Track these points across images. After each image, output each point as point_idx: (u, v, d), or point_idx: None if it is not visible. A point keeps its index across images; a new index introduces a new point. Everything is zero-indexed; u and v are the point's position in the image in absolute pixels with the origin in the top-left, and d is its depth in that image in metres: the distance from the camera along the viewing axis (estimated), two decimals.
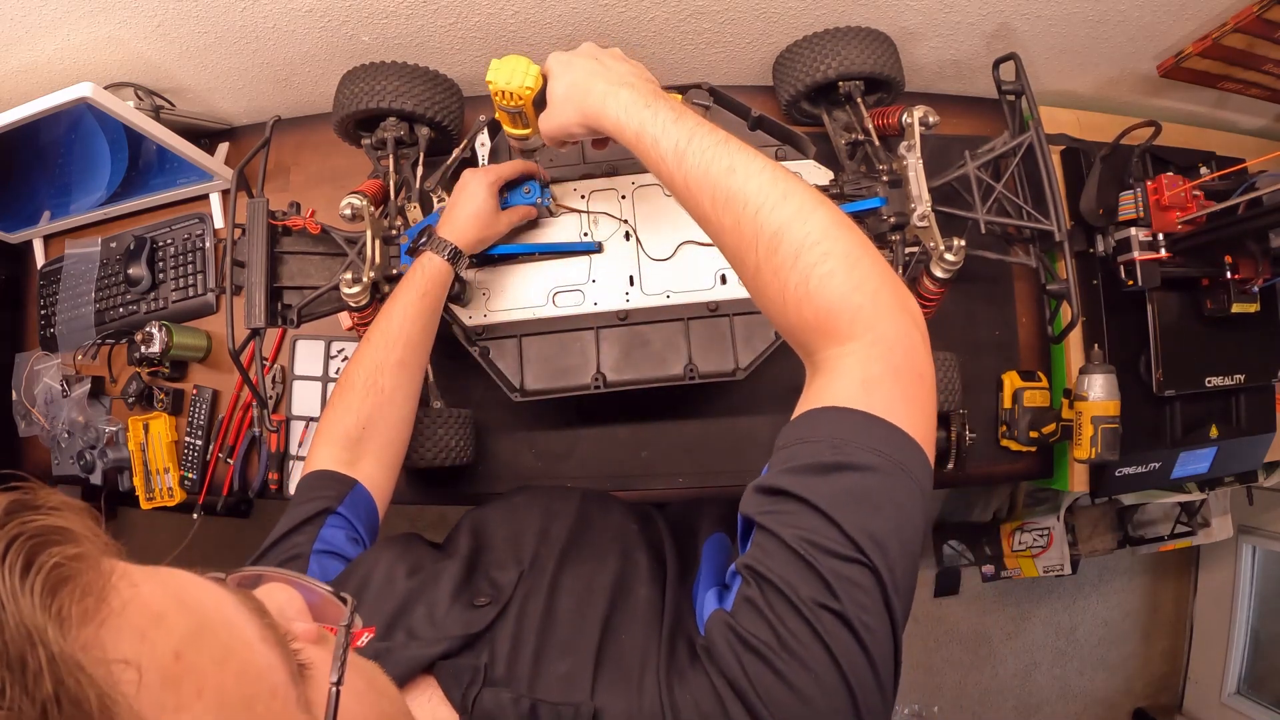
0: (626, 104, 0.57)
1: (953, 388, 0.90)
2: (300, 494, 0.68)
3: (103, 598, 0.23)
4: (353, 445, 0.72)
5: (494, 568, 0.55)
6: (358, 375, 0.74)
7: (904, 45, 0.99)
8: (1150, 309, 1.03)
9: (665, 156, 0.54)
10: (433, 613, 0.49)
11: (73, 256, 1.20)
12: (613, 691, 0.40)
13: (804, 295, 0.47)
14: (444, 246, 0.78)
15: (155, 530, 2.15)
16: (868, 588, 0.38)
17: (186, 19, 0.92)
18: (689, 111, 0.56)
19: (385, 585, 0.53)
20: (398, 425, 0.76)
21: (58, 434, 1.16)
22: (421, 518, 2.02)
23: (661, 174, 0.55)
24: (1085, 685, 2.15)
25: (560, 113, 0.63)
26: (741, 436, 1.03)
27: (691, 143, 0.53)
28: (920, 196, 0.82)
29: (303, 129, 1.15)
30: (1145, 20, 0.99)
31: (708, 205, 0.52)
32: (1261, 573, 1.98)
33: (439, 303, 0.79)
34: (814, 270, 0.46)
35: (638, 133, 0.56)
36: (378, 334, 0.76)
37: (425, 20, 0.94)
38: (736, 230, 0.50)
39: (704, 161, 0.52)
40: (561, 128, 0.64)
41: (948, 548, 2.02)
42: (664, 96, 0.58)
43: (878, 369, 0.45)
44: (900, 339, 0.46)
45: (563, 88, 0.63)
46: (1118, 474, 1.07)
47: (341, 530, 0.65)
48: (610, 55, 0.64)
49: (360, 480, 0.70)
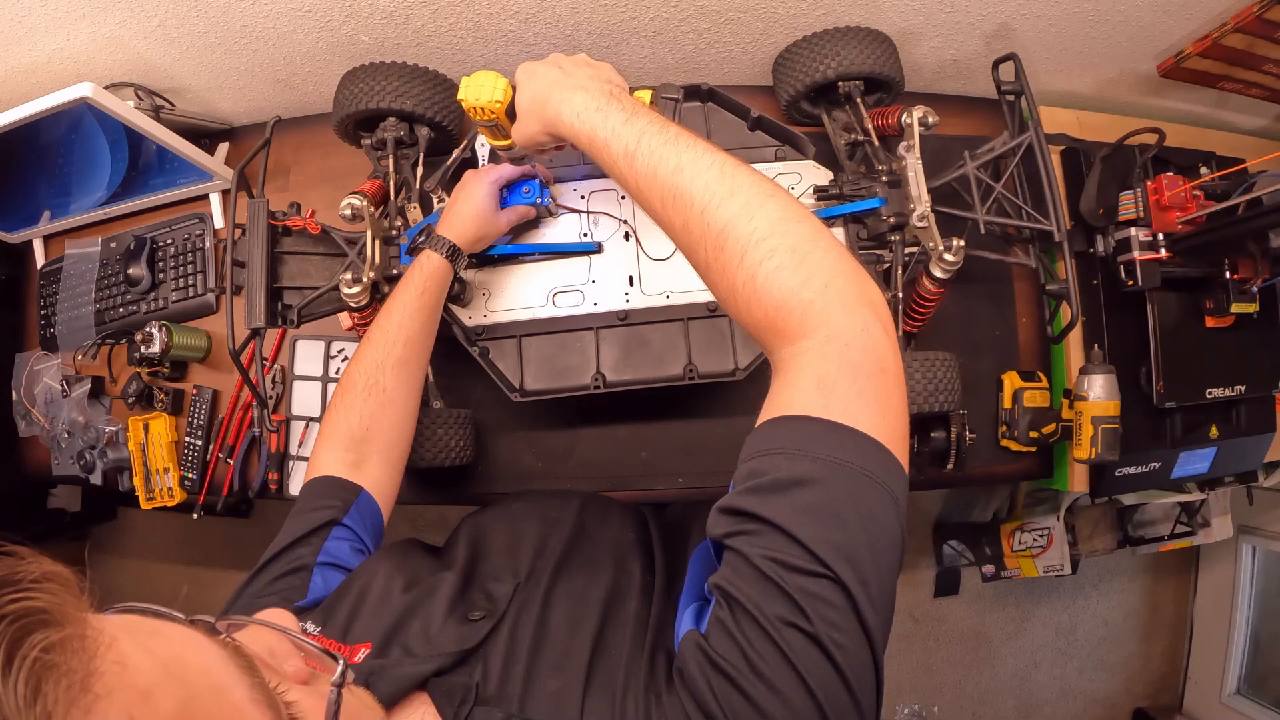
0: (579, 109, 0.57)
1: (953, 388, 0.90)
2: (305, 500, 0.68)
3: (87, 686, 0.23)
4: (357, 446, 0.72)
5: (490, 579, 0.55)
6: (359, 375, 0.74)
7: (904, 45, 0.99)
8: (1150, 310, 1.03)
9: (616, 159, 0.54)
10: (428, 628, 0.49)
11: (73, 256, 1.20)
12: (598, 713, 0.40)
13: (752, 293, 0.46)
14: (443, 244, 0.78)
15: (155, 530, 2.16)
16: (837, 604, 0.36)
17: (186, 19, 0.92)
18: (643, 111, 0.55)
19: (382, 599, 0.53)
20: (401, 424, 0.76)
21: (58, 434, 1.16)
22: (421, 518, 2.02)
23: (615, 177, 0.55)
24: (1085, 685, 2.15)
25: (526, 123, 0.64)
26: (741, 436, 1.01)
27: (640, 143, 0.52)
28: (920, 197, 0.82)
29: (303, 129, 1.15)
30: (1145, 20, 0.99)
31: (658, 205, 0.52)
32: (1261, 573, 1.98)
33: (439, 300, 0.79)
34: (760, 267, 0.45)
35: (590, 137, 0.56)
36: (378, 333, 0.76)
37: (425, 20, 0.94)
38: (685, 230, 0.50)
39: (652, 162, 0.51)
40: (529, 137, 0.65)
41: (948, 548, 2.01)
42: (618, 98, 0.57)
43: (832, 367, 0.43)
44: (857, 333, 0.43)
45: (526, 99, 0.63)
46: (1118, 474, 1.07)
47: (346, 541, 0.64)
48: (573, 61, 0.64)
49: (365, 486, 0.70)
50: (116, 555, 2.18)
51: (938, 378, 0.88)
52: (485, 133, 0.74)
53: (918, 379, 0.86)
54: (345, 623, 0.51)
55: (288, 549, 0.62)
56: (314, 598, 0.58)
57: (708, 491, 1.03)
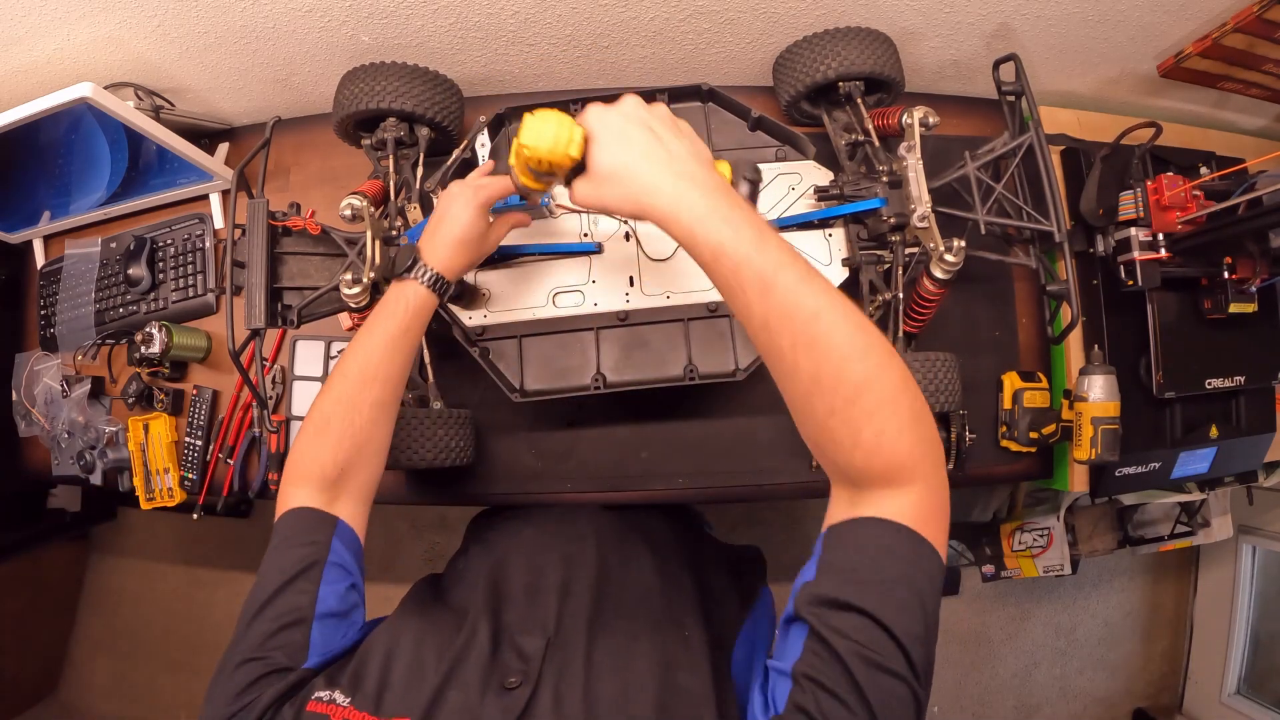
0: (702, 215, 0.51)
1: (953, 388, 0.90)
2: (283, 533, 0.64)
3: None
4: (330, 487, 0.67)
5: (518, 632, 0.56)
6: (333, 414, 0.69)
7: (904, 45, 0.99)
8: (1150, 309, 1.03)
9: (746, 287, 0.50)
10: (467, 699, 0.49)
11: (73, 256, 1.20)
12: None
13: (875, 448, 0.48)
14: (427, 274, 0.72)
15: (155, 530, 2.16)
16: (910, 702, 0.42)
17: (186, 19, 0.92)
18: (766, 229, 0.51)
19: (414, 667, 0.52)
20: (374, 462, 0.72)
21: (58, 434, 1.16)
22: (422, 518, 2.02)
23: (736, 303, 0.51)
24: (1085, 685, 2.15)
25: (607, 192, 0.56)
26: (741, 437, 1.03)
27: (779, 277, 0.49)
28: (920, 197, 0.82)
29: (303, 129, 1.15)
30: (1145, 20, 0.99)
31: (786, 346, 0.50)
32: (1261, 573, 1.98)
33: (420, 335, 0.75)
34: (888, 425, 0.48)
35: (714, 253, 0.51)
36: (353, 367, 0.70)
37: (425, 20, 0.94)
38: (814, 376, 0.49)
39: (790, 301, 0.49)
40: (604, 205, 0.57)
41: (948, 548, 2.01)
42: (736, 202, 0.52)
43: (930, 509, 0.49)
44: (944, 485, 0.50)
45: (612, 164, 0.55)
46: (1118, 474, 1.07)
47: (336, 584, 0.61)
48: (663, 123, 0.56)
49: (342, 518, 0.66)
50: (116, 555, 2.18)
51: (938, 378, 0.88)
52: (521, 172, 0.62)
53: (918, 379, 0.86)
54: (376, 693, 0.50)
55: (280, 593, 0.59)
56: (318, 656, 0.56)
57: (709, 492, 1.03)
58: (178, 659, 2.12)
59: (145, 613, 2.15)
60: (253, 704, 0.49)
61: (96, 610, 2.18)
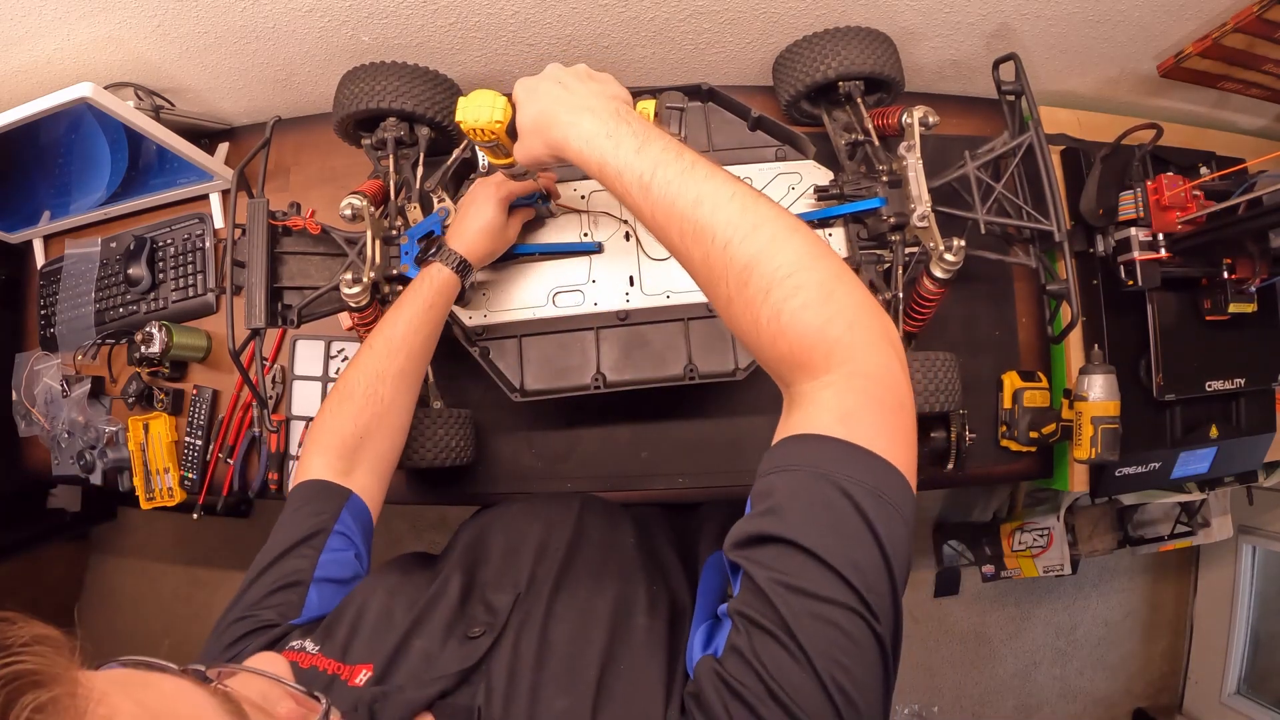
0: (588, 135, 0.55)
1: (953, 388, 0.90)
2: (295, 503, 0.67)
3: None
4: (349, 455, 0.71)
5: (490, 589, 0.55)
6: (358, 383, 0.73)
7: (904, 45, 0.99)
8: (1150, 309, 1.03)
9: (630, 190, 0.52)
10: (430, 647, 0.49)
11: (73, 256, 1.20)
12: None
13: (777, 330, 0.46)
14: (453, 258, 0.78)
15: (155, 530, 2.16)
16: (854, 630, 0.37)
17: (186, 19, 0.92)
18: (655, 136, 0.53)
19: (383, 617, 0.53)
20: (394, 435, 0.75)
21: (58, 434, 1.16)
22: (422, 518, 2.02)
23: (629, 207, 0.54)
24: (1085, 685, 2.15)
25: (529, 144, 0.61)
26: (741, 436, 1.03)
27: (655, 175, 0.50)
28: (920, 197, 0.82)
29: (303, 129, 1.15)
30: (1145, 20, 0.99)
31: (676, 238, 0.50)
32: (1261, 573, 1.98)
33: (444, 314, 0.79)
34: (786, 304, 0.45)
35: (600, 166, 0.54)
36: (380, 341, 0.75)
37: (425, 20, 0.94)
38: (706, 263, 0.49)
39: (669, 194, 0.50)
40: (534, 158, 0.62)
41: (948, 548, 2.01)
42: (627, 119, 0.55)
43: (857, 401, 0.44)
44: (880, 370, 0.45)
45: (528, 118, 0.60)
46: (1118, 474, 1.07)
47: (340, 551, 0.63)
48: (574, 75, 0.61)
49: (355, 491, 0.69)
50: (116, 555, 2.18)
51: (938, 378, 0.88)
52: (486, 152, 0.71)
53: (918, 379, 0.86)
54: (345, 641, 0.51)
55: (283, 557, 0.61)
56: (309, 616, 0.57)
57: (708, 492, 1.03)
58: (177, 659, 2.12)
59: (145, 613, 2.15)
60: (237, 658, 0.50)
61: (96, 610, 2.18)
